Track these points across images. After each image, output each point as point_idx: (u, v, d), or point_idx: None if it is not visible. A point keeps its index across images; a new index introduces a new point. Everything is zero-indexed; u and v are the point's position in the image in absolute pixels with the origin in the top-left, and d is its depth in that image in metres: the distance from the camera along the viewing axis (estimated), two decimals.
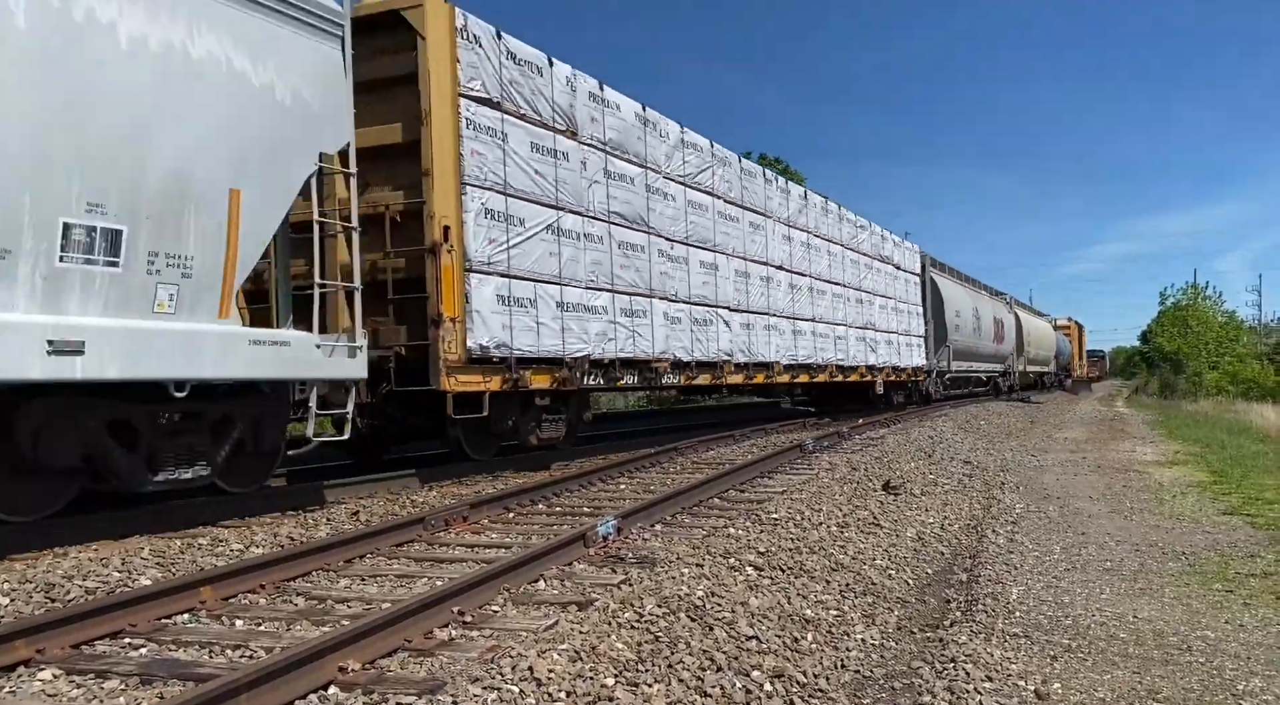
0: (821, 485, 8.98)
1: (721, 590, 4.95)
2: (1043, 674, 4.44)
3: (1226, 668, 4.57)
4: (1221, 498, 10.24)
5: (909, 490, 9.23)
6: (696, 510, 7.80)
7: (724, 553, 5.77)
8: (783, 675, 4.01)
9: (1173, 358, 51.96)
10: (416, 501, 8.20)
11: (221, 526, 6.84)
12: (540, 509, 7.92)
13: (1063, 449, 16.84)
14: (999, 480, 11.37)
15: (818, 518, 7.22)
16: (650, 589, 4.81)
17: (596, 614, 4.36)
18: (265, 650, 4.03)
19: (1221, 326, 54.50)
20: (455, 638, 4.22)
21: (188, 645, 4.16)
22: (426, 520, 6.70)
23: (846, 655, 4.52)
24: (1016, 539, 7.77)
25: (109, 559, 5.52)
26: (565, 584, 5.22)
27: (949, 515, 8.47)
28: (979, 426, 19.55)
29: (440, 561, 5.90)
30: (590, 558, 5.86)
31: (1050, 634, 5.12)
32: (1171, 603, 5.82)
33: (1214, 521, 8.70)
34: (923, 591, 6.06)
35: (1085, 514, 9.19)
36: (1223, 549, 7.39)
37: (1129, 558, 7.11)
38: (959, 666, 4.31)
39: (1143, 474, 12.66)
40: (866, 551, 6.55)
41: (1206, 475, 12.46)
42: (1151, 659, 4.72)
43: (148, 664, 3.88)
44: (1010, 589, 6.07)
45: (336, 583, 5.37)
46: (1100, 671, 4.52)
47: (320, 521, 7.11)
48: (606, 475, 9.81)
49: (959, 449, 13.92)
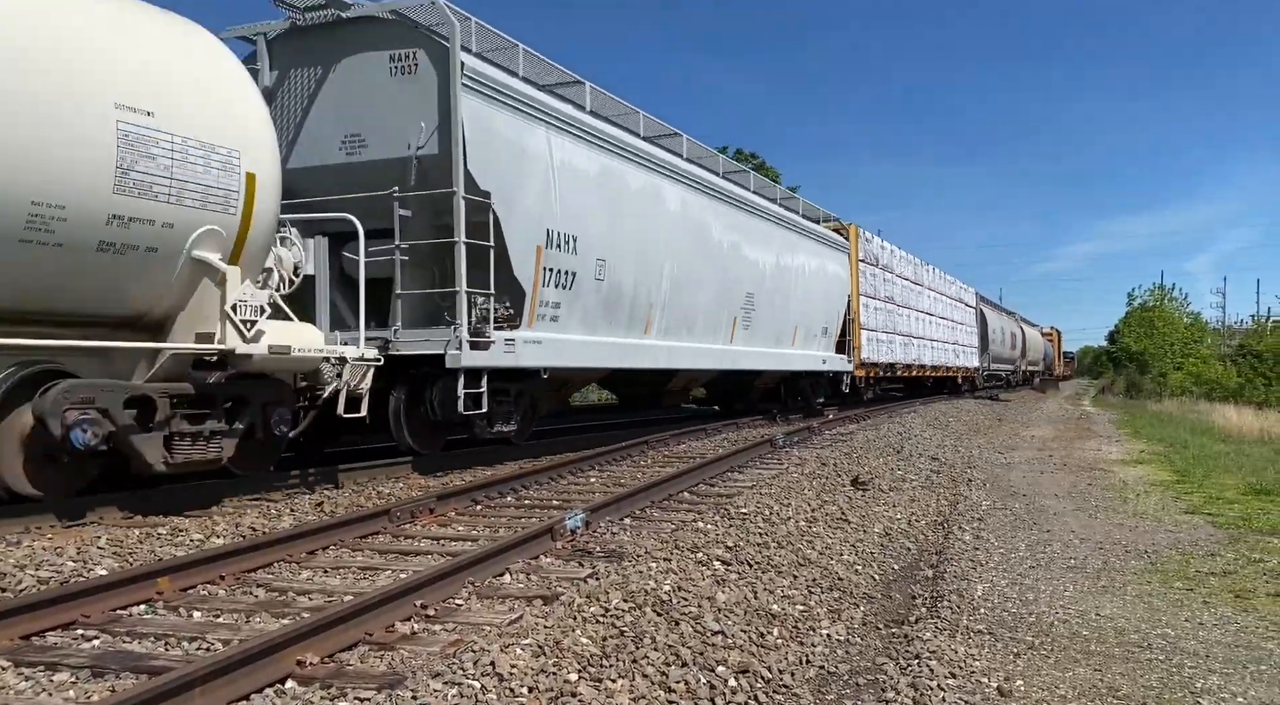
0: (791, 480, 8.99)
1: (688, 585, 4.93)
2: (1006, 671, 4.46)
3: (1185, 665, 4.61)
4: (1184, 497, 10.38)
5: (877, 486, 9.27)
6: (666, 504, 7.78)
7: (692, 547, 5.75)
8: (748, 671, 4.00)
9: (1139, 358, 52.72)
10: (383, 493, 8.11)
11: (183, 515, 6.72)
12: (509, 502, 7.86)
13: (1030, 447, 17.01)
14: (966, 477, 11.46)
15: (786, 512, 7.22)
16: (617, 583, 4.78)
17: (562, 608, 4.32)
18: (223, 642, 3.95)
19: (1187, 328, 55.39)
20: (418, 631, 4.16)
21: (143, 637, 4.07)
22: (392, 512, 6.62)
23: (812, 651, 4.52)
24: (982, 536, 7.83)
25: (64, 548, 5.40)
26: (531, 578, 5.18)
27: (916, 511, 8.51)
28: (947, 424, 19.70)
29: (405, 554, 5.83)
30: (557, 551, 5.82)
31: (1014, 631, 5.15)
32: (1133, 600, 5.88)
33: (1176, 520, 8.81)
34: (889, 587, 6.08)
35: (1051, 511, 9.28)
36: (1184, 547, 7.48)
37: (1092, 555, 7.18)
38: (923, 663, 4.32)
39: (1108, 472, 12.81)
40: (834, 547, 6.56)
41: (1170, 474, 12.63)
42: (1113, 656, 4.75)
43: (100, 656, 3.79)
44: (975, 586, 6.10)
45: (299, 574, 5.29)
46: (1062, 669, 4.54)
47: (284, 512, 7.01)
48: (577, 468, 9.77)
49: (927, 445, 14.01)
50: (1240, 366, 40.78)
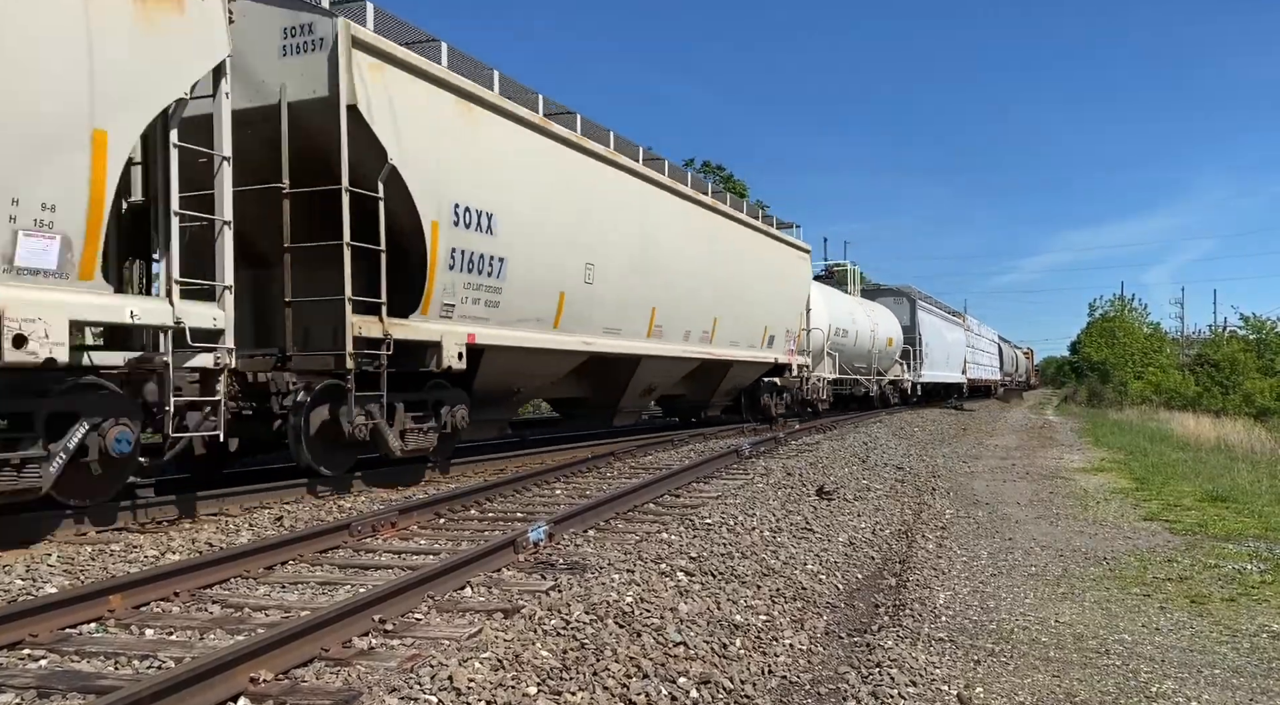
0: (756, 490, 9.01)
1: (651, 596, 4.91)
2: (966, 678, 4.49)
3: (1142, 670, 4.67)
4: (1142, 504, 10.54)
5: (842, 495, 9.31)
6: (631, 515, 7.75)
7: (656, 558, 5.73)
8: (709, 681, 3.98)
9: (1100, 367, 53.55)
10: (344, 507, 8.02)
11: (136, 532, 6.59)
12: (472, 514, 7.80)
13: (993, 455, 17.19)
14: (930, 486, 11.55)
15: (751, 522, 7.22)
16: (579, 595, 4.75)
17: (522, 621, 4.28)
18: (175, 660, 3.87)
19: (1146, 338, 56.35)
20: (375, 647, 4.10)
21: (92, 656, 3.98)
22: (353, 526, 6.54)
23: (774, 661, 4.51)
24: (945, 544, 7.88)
25: (12, 566, 5.28)
26: (492, 591, 5.13)
27: (880, 520, 8.56)
28: (912, 433, 19.86)
29: (365, 568, 5.76)
30: (520, 564, 5.77)
31: (975, 638, 5.19)
32: (1092, 607, 5.94)
33: (1134, 527, 8.94)
34: (852, 596, 6.09)
35: (1013, 519, 9.38)
36: (1142, 554, 7.59)
37: (1053, 563, 7.26)
38: (884, 671, 4.34)
39: (1069, 480, 12.98)
40: (798, 556, 6.57)
41: (1129, 482, 12.82)
42: (1071, 662, 4.80)
43: (46, 676, 3.70)
44: (938, 594, 6.14)
45: (255, 590, 5.20)
46: (1021, 675, 4.58)
47: (242, 527, 6.90)
48: (542, 480, 9.72)
49: (892, 455, 14.11)
50: (1198, 375, 41.57)
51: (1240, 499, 10.58)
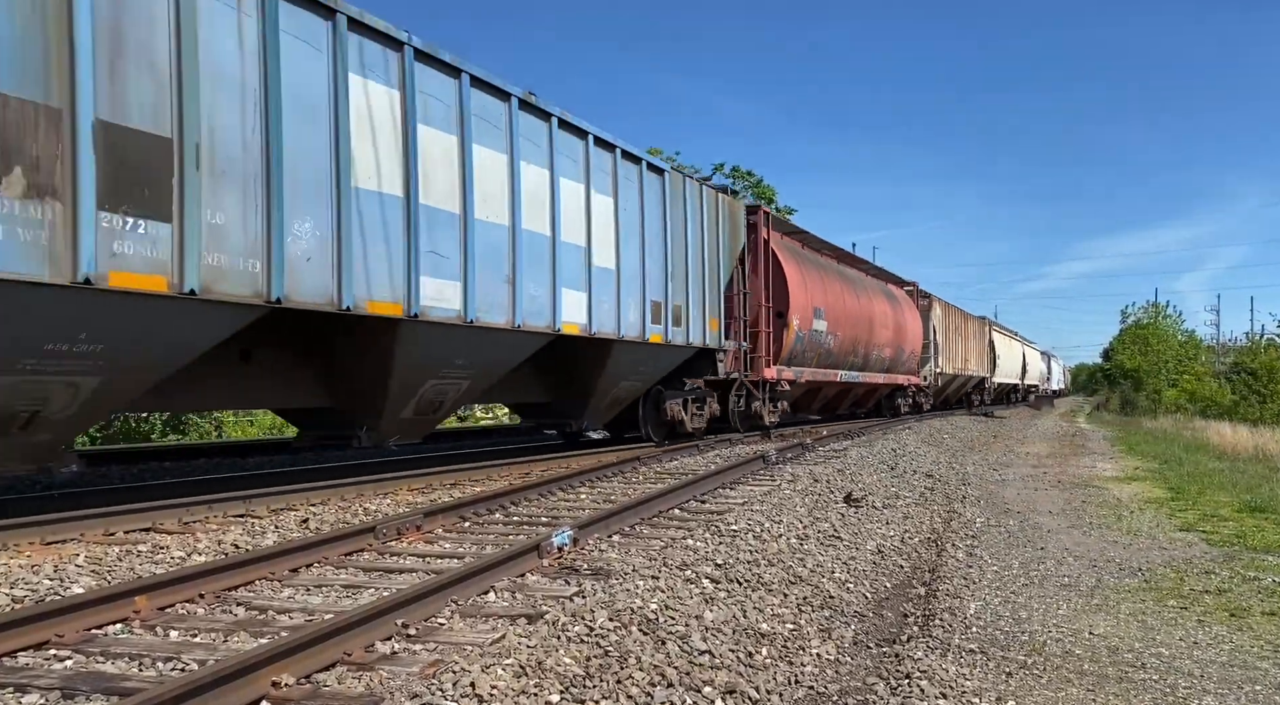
0: (783, 497, 8.92)
1: (676, 603, 4.85)
2: (998, 691, 4.39)
3: (1180, 686, 4.54)
4: (1178, 514, 10.32)
5: (870, 503, 9.20)
6: (656, 521, 7.69)
7: (681, 564, 5.67)
8: (735, 691, 3.92)
9: (1133, 375, 52.73)
10: (369, 509, 8.02)
11: (163, 532, 6.63)
12: (497, 518, 7.78)
13: (1024, 463, 16.95)
14: (960, 494, 11.39)
15: (777, 529, 7.14)
16: (603, 601, 4.70)
17: (546, 627, 4.24)
18: (199, 663, 3.86)
19: (1181, 345, 55.44)
20: (398, 651, 4.08)
21: (117, 657, 3.98)
22: (378, 529, 6.54)
23: (801, 671, 4.44)
24: (976, 553, 7.75)
25: (40, 566, 5.31)
26: (516, 596, 5.10)
27: (909, 528, 8.43)
28: (942, 440, 19.64)
29: (389, 572, 5.74)
30: (544, 569, 5.74)
31: (1006, 650, 5.08)
32: (1127, 619, 5.80)
33: (1170, 538, 8.75)
34: (880, 605, 6.00)
35: (1045, 529, 9.21)
36: (1178, 565, 7.41)
37: (1086, 573, 7.11)
38: (914, 683, 4.25)
39: (1102, 489, 12.75)
40: (825, 564, 6.48)
41: (1164, 491, 12.57)
42: (1106, 676, 4.68)
43: (71, 677, 3.70)
44: (968, 604, 6.03)
45: (280, 592, 5.20)
46: (1055, 689, 4.47)
47: (268, 529, 6.92)
48: (567, 484, 9.69)
49: (921, 462, 13.94)
50: (1235, 384, 40.83)
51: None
